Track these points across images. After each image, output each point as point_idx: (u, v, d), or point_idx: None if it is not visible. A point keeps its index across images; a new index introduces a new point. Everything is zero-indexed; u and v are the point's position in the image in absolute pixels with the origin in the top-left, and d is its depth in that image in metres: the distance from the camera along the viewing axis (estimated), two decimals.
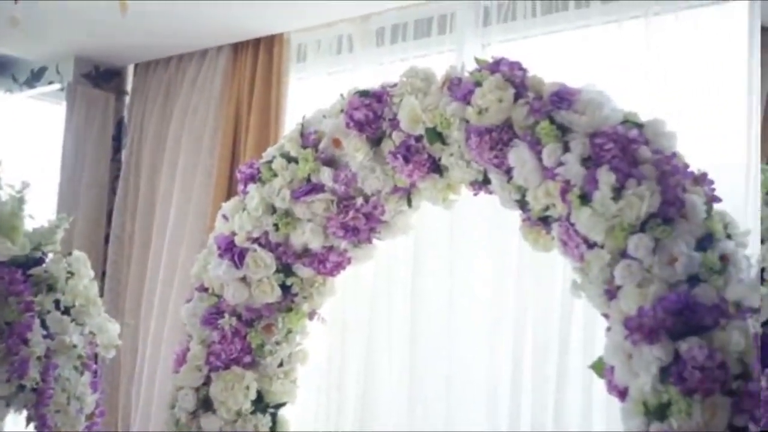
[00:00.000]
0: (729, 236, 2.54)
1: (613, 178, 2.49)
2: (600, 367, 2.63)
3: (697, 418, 2.27)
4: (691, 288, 2.40)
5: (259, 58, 4.99)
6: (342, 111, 3.17)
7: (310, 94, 4.73)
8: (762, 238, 1.64)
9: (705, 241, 2.46)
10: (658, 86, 3.63)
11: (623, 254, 2.49)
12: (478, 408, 3.68)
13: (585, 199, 2.53)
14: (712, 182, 2.60)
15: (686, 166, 2.59)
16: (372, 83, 3.22)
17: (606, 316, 2.62)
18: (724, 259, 2.44)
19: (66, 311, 3.22)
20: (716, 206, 2.57)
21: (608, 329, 2.59)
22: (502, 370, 3.64)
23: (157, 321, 5.05)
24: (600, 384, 2.68)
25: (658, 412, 2.34)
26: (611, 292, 2.54)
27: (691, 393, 2.29)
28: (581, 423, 3.42)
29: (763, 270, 1.86)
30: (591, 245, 2.57)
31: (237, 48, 5.14)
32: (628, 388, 2.47)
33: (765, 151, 3.31)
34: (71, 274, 3.28)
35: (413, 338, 3.91)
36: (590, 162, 2.57)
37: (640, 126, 2.65)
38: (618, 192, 2.49)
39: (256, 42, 5.03)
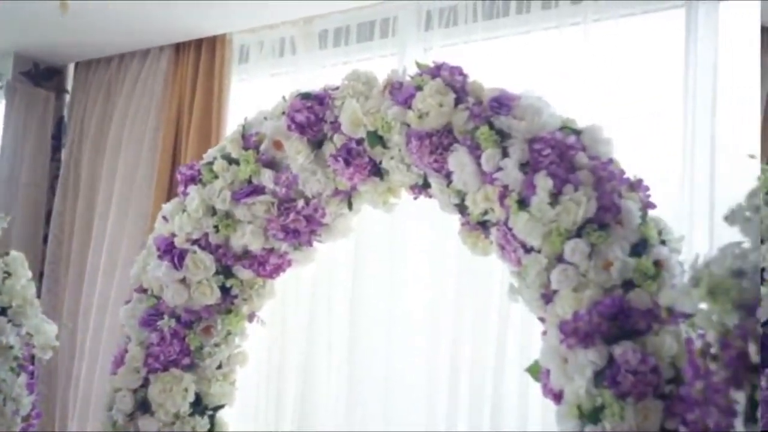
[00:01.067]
0: (663, 242, 2.59)
1: (551, 183, 2.52)
2: (536, 371, 2.67)
3: (630, 421, 2.31)
4: (625, 293, 2.44)
5: (201, 58, 4.97)
6: (283, 113, 3.18)
7: (252, 96, 4.72)
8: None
9: (640, 247, 2.52)
10: (597, 92, 3.67)
11: (560, 259, 2.53)
12: (416, 410, 3.70)
13: (523, 204, 2.57)
14: (647, 188, 2.65)
15: (622, 172, 2.64)
16: (314, 86, 3.23)
17: (542, 319, 2.65)
18: (658, 264, 2.49)
19: (2, 312, 3.19)
20: (651, 212, 2.62)
21: (544, 333, 2.63)
22: (440, 372, 3.66)
23: (95, 322, 5.01)
24: (536, 386, 2.71)
25: (592, 415, 2.38)
26: (548, 296, 2.57)
27: (625, 396, 2.33)
28: (517, 425, 3.45)
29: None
30: (528, 250, 2.60)
31: (179, 48, 5.11)
32: (563, 391, 2.51)
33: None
34: (8, 274, 3.25)
35: (352, 340, 3.92)
36: (528, 167, 2.61)
37: (577, 132, 2.69)
38: (555, 197, 2.53)
39: (198, 42, 5.01)
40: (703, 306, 1.68)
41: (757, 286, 1.55)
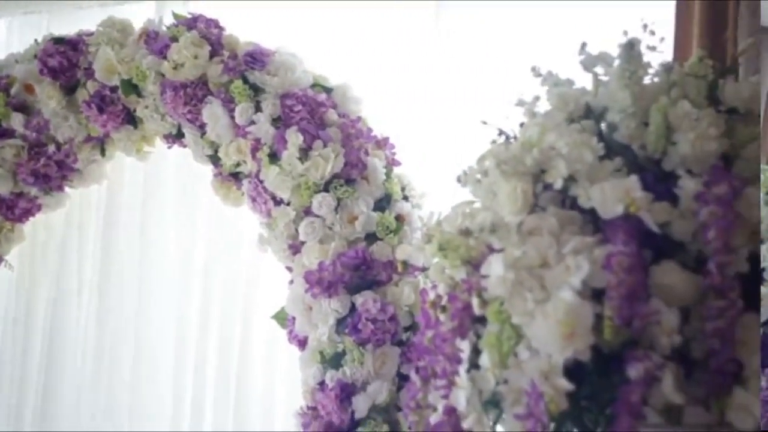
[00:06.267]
0: (406, 198, 2.73)
1: (301, 139, 2.61)
2: (282, 318, 2.78)
3: (369, 367, 2.45)
4: (368, 245, 2.57)
5: None
6: (36, 57, 3.13)
7: (4, 35, 4.57)
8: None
9: (383, 202, 2.65)
10: (352, 50, 3.73)
11: (307, 212, 2.63)
12: (166, 351, 3.70)
13: (274, 157, 2.65)
14: (393, 146, 2.78)
15: (370, 130, 2.75)
16: (70, 27, 3.20)
17: (290, 269, 2.75)
18: (400, 219, 2.63)
19: None
20: (396, 169, 2.75)
21: (291, 282, 2.72)
22: (190, 317, 3.66)
23: None
24: (283, 333, 2.81)
25: (334, 360, 2.51)
26: (295, 247, 2.67)
27: (365, 343, 2.47)
28: (264, 368, 3.51)
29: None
30: (278, 202, 2.69)
31: None
32: (308, 337, 2.62)
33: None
34: None
35: (103, 284, 3.86)
36: (280, 122, 2.69)
37: (328, 90, 2.79)
38: (305, 152, 2.62)
39: None
40: (436, 259, 1.80)
41: (483, 245, 1.67)
